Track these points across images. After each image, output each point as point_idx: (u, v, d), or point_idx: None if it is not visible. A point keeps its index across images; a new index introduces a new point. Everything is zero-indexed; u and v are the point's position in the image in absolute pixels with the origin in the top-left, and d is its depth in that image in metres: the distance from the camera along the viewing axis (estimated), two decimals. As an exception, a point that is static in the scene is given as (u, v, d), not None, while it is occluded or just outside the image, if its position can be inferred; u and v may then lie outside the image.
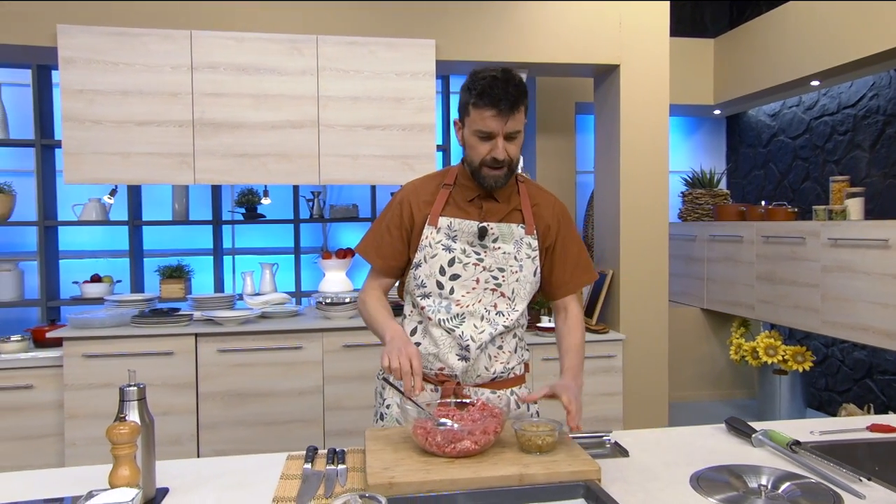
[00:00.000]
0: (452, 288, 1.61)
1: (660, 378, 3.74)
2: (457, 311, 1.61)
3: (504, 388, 1.69)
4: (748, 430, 1.63)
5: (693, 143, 5.50)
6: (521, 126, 1.57)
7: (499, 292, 1.63)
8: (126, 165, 3.17)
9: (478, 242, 1.63)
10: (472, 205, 1.66)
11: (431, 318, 1.62)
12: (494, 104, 1.50)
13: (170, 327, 3.16)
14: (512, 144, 1.57)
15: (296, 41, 3.26)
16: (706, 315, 4.91)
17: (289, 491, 1.32)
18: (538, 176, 4.61)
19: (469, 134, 1.59)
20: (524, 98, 1.55)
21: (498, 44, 3.51)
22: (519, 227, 1.67)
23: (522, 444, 1.41)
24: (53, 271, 4.01)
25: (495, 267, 1.63)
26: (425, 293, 1.64)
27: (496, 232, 1.64)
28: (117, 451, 1.19)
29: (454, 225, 1.64)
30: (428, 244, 1.64)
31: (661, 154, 3.67)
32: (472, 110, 1.55)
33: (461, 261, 1.62)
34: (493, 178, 1.59)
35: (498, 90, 1.50)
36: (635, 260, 3.70)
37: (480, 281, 1.62)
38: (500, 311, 1.63)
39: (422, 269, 1.64)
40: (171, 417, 3.15)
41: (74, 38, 3.10)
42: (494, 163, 1.56)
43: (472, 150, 1.60)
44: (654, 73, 3.64)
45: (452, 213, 1.66)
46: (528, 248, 1.66)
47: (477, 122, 1.55)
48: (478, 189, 1.66)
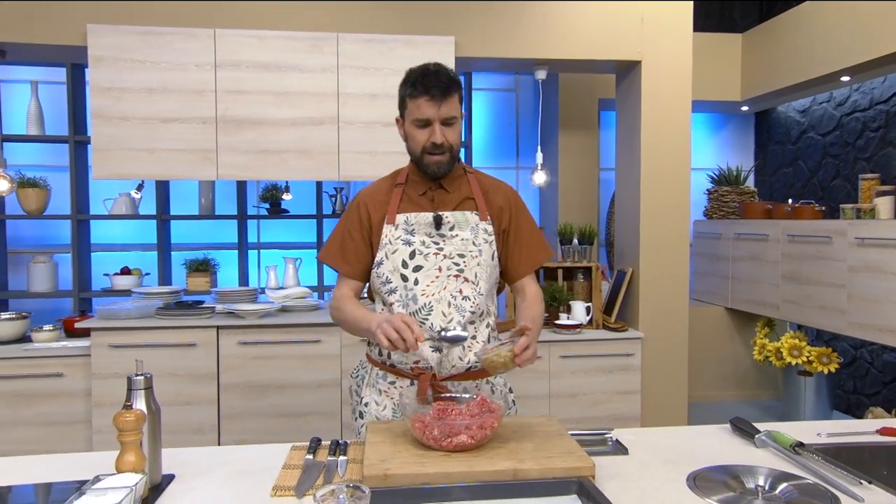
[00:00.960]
0: (416, 279, 1.65)
1: (679, 377, 3.71)
2: (424, 302, 1.63)
3: (479, 378, 1.71)
4: (752, 431, 1.62)
5: (720, 139, 5.42)
6: (456, 113, 1.64)
7: (462, 277, 1.66)
8: (151, 161, 3.26)
9: (435, 232, 1.69)
10: (424, 198, 1.72)
11: (402, 311, 1.64)
12: (427, 91, 1.59)
13: (192, 319, 3.24)
14: (449, 130, 1.64)
15: (317, 39, 3.31)
16: (731, 314, 4.84)
17: (289, 480, 1.35)
18: (560, 173, 4.59)
19: (409, 125, 1.67)
20: (456, 86, 1.64)
21: (517, 40, 3.51)
22: (473, 214, 1.72)
23: (488, 368, 1.49)
24: (86, 263, 4.14)
25: (455, 254, 1.68)
26: (391, 289, 1.67)
27: (451, 220, 1.70)
28: (123, 438, 1.24)
29: (410, 219, 1.69)
30: (388, 241, 1.69)
31: (682, 151, 3.63)
32: (408, 102, 1.65)
33: (422, 252, 1.67)
34: (435, 163, 1.65)
35: (430, 78, 1.60)
36: (655, 258, 3.67)
37: (443, 269, 1.66)
38: (466, 295, 1.66)
39: (384, 266, 1.68)
40: (193, 407, 3.23)
41: (103, 38, 3.19)
42: (434, 148, 1.63)
43: (412, 141, 1.67)
44: (676, 70, 3.60)
45: (407, 208, 1.71)
46: (484, 234, 1.71)
47: (414, 112, 1.63)
48: (428, 182, 1.72)
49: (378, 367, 1.73)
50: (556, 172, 4.60)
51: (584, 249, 3.82)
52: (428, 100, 1.60)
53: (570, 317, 3.70)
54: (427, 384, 1.61)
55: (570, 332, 3.57)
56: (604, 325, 3.73)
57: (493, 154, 4.92)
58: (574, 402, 3.56)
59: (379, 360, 1.73)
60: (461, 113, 1.69)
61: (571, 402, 3.56)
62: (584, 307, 3.69)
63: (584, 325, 3.67)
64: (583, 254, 3.82)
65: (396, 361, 1.68)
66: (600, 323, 3.73)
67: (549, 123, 4.73)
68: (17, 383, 3.19)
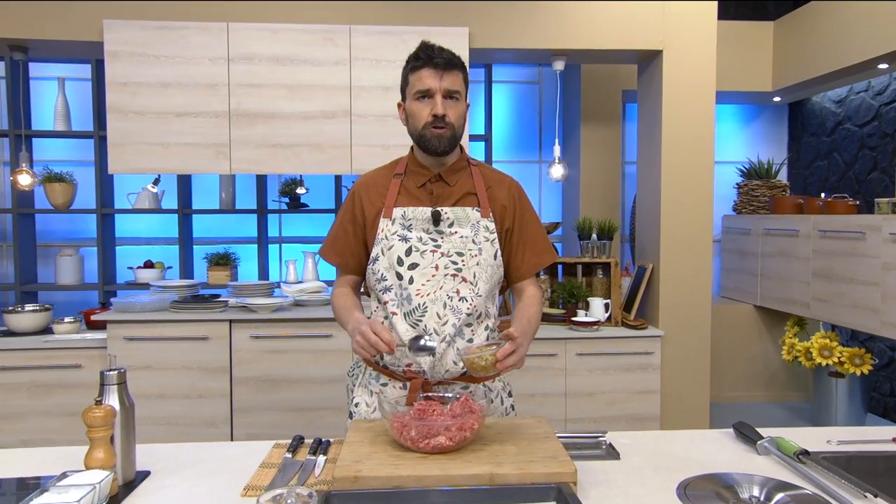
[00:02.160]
0: (412, 277, 1.59)
1: (701, 377, 3.60)
2: (419, 302, 1.57)
3: (475, 382, 1.64)
4: (755, 437, 1.54)
5: (751, 131, 5.24)
6: (459, 87, 1.60)
7: (460, 277, 1.59)
8: (166, 155, 3.28)
9: (433, 228, 1.62)
10: (423, 190, 1.66)
11: (396, 311, 1.59)
12: (428, 62, 1.57)
13: (205, 313, 3.26)
14: (451, 107, 1.59)
15: (329, 31, 3.28)
16: (760, 312, 4.68)
17: (263, 479, 1.33)
18: (582, 167, 4.49)
19: (410, 103, 1.62)
20: (459, 62, 1.61)
21: (534, 30, 3.43)
22: (474, 211, 1.65)
23: (471, 370, 1.42)
24: (110, 257, 4.21)
25: (454, 252, 1.61)
26: (386, 287, 1.61)
27: (451, 216, 1.63)
28: (92, 434, 1.23)
29: (408, 213, 1.63)
30: (384, 236, 1.62)
31: (706, 144, 3.51)
32: (411, 77, 1.61)
33: (418, 249, 1.60)
34: (436, 137, 1.59)
35: (432, 51, 1.58)
36: (676, 254, 3.55)
37: (440, 267, 1.59)
38: (463, 296, 1.59)
39: (380, 263, 1.62)
40: (206, 400, 3.25)
41: (119, 33, 3.22)
42: (436, 121, 1.58)
43: (414, 118, 1.62)
44: (699, 60, 3.47)
45: (405, 202, 1.65)
46: (485, 232, 1.64)
47: (416, 84, 1.59)
48: (428, 173, 1.66)
49: (371, 367, 1.68)
50: (577, 166, 4.51)
51: (604, 245, 3.72)
52: (430, 70, 1.57)
53: (588, 314, 3.61)
54: (418, 388, 1.56)
55: (588, 329, 3.49)
56: (623, 322, 3.63)
57: (515, 148, 4.85)
58: (591, 401, 3.48)
59: (373, 360, 1.67)
60: (465, 96, 1.64)
61: (588, 400, 3.48)
62: (603, 304, 3.60)
63: (603, 322, 3.57)
64: (602, 249, 3.72)
65: (389, 363, 1.62)
66: (619, 320, 3.63)
67: (572, 116, 4.63)
68: (37, 374, 3.25)
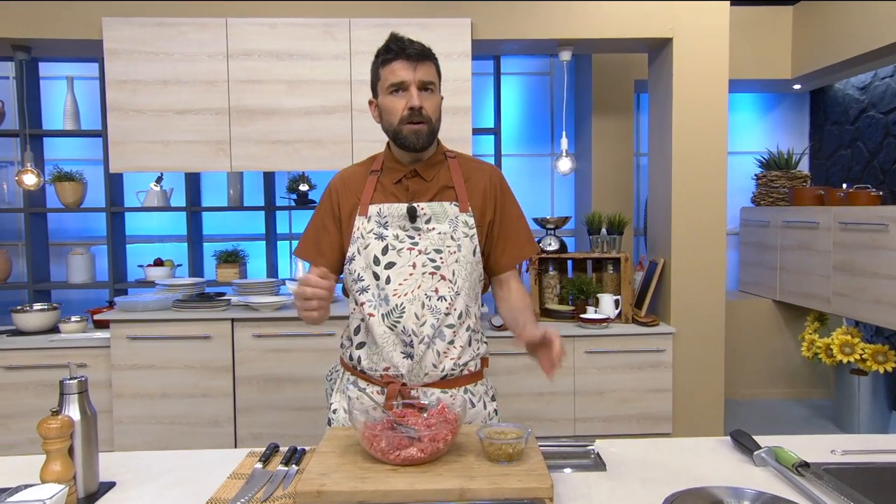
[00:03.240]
0: (388, 277, 1.52)
1: (714, 375, 3.49)
2: (396, 303, 1.50)
3: (456, 386, 1.57)
4: (752, 447, 1.45)
5: (771, 121, 5.07)
6: (433, 78, 1.54)
7: (438, 275, 1.53)
8: (167, 153, 3.26)
9: (409, 225, 1.56)
10: (399, 187, 1.59)
11: (373, 313, 1.52)
12: (401, 53, 1.51)
13: (207, 312, 3.24)
14: (427, 99, 1.52)
15: (328, 25, 3.23)
16: (779, 307, 4.54)
17: (228, 491, 1.28)
18: (594, 158, 4.39)
19: (383, 97, 1.55)
20: (431, 54, 1.56)
21: (538, 20, 3.33)
22: (452, 205, 1.58)
23: (491, 454, 1.29)
24: (121, 255, 4.21)
25: (431, 249, 1.54)
26: (363, 287, 1.55)
27: (427, 212, 1.56)
28: (48, 447, 1.19)
29: (383, 210, 1.56)
30: (360, 235, 1.56)
31: (719, 135, 3.39)
32: (382, 71, 1.55)
33: (395, 247, 1.54)
34: (414, 133, 1.52)
35: (403, 42, 1.52)
36: (688, 248, 3.44)
37: (417, 265, 1.52)
38: (442, 295, 1.52)
39: (356, 262, 1.56)
40: (208, 400, 3.23)
41: (118, 31, 3.20)
42: (412, 115, 1.51)
43: (389, 114, 1.54)
44: (711, 47, 3.35)
45: (381, 199, 1.58)
46: (464, 227, 1.57)
47: (388, 78, 1.52)
48: (404, 169, 1.59)
49: (349, 371, 1.62)
50: (589, 158, 4.40)
51: (614, 239, 3.62)
52: (403, 62, 1.50)
53: (598, 310, 3.52)
54: (395, 394, 1.49)
55: (597, 326, 3.40)
56: (634, 319, 3.54)
57: (526, 141, 4.75)
58: (601, 399, 3.40)
59: (350, 364, 1.61)
60: (439, 88, 1.58)
61: (598, 399, 3.40)
62: (613, 300, 3.51)
63: (613, 319, 3.48)
64: (612, 244, 3.62)
65: (366, 367, 1.56)
66: (630, 317, 3.54)
67: (583, 107, 4.52)
68: (44, 373, 3.26)
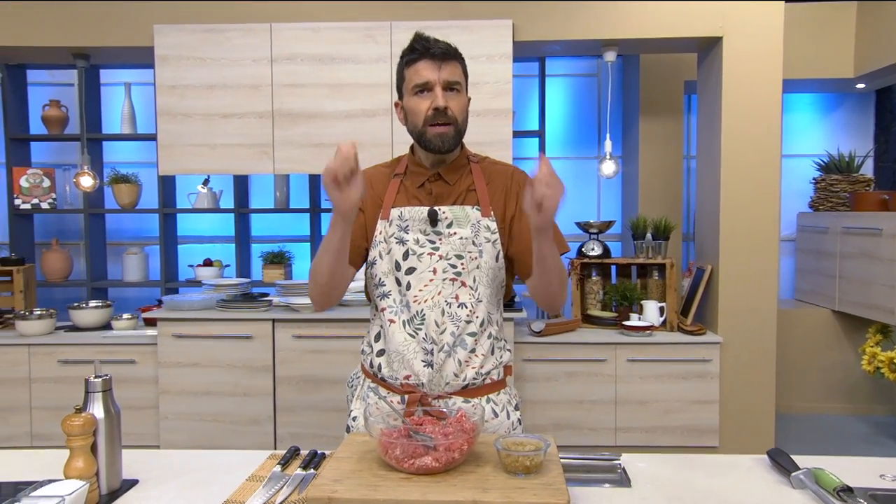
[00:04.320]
0: (409, 283, 1.49)
1: (764, 387, 3.34)
2: (416, 309, 1.48)
3: (478, 395, 1.53)
4: (790, 468, 1.37)
5: (832, 122, 4.84)
6: (458, 78, 1.51)
7: (459, 281, 1.49)
8: (212, 156, 3.33)
9: (431, 230, 1.52)
10: (421, 190, 1.56)
11: (394, 319, 1.50)
12: (425, 53, 1.49)
13: (249, 312, 3.30)
14: (453, 99, 1.49)
15: (370, 29, 3.24)
16: (838, 318, 4.32)
17: (245, 494, 1.28)
18: (641, 161, 4.28)
19: (409, 97, 1.53)
20: (457, 53, 1.53)
21: (581, 20, 3.27)
22: (474, 210, 1.54)
23: (507, 465, 1.25)
24: (172, 255, 4.34)
25: (452, 254, 1.50)
26: (384, 292, 1.53)
27: (449, 216, 1.53)
28: (71, 443, 1.22)
29: (404, 214, 1.53)
30: (382, 239, 1.54)
31: (771, 137, 3.25)
32: (406, 73, 1.53)
33: (415, 252, 1.51)
34: (439, 136, 1.49)
35: (427, 42, 1.50)
36: (738, 255, 3.31)
37: (438, 271, 1.49)
38: (463, 302, 1.49)
39: (378, 267, 1.54)
40: (250, 399, 3.29)
41: (168, 37, 3.29)
42: (437, 116, 1.48)
43: (414, 115, 1.52)
44: (763, 46, 3.22)
45: (403, 202, 1.56)
46: (486, 232, 1.53)
47: (413, 78, 1.50)
48: (427, 172, 1.56)
49: (370, 378, 1.61)
50: (636, 161, 4.30)
51: (659, 245, 3.52)
52: (427, 62, 1.48)
53: (642, 317, 3.43)
54: (416, 403, 1.47)
55: (640, 333, 3.31)
56: (679, 327, 3.43)
57: (572, 143, 4.68)
58: (643, 409, 3.30)
59: (370, 371, 1.60)
60: (466, 88, 1.55)
61: (640, 409, 3.30)
62: (658, 307, 3.41)
63: (657, 326, 3.38)
64: (657, 249, 3.52)
65: (386, 375, 1.55)
66: (675, 325, 3.43)
67: (631, 109, 4.42)
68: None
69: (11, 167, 4.19)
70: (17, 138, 4.22)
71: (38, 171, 4.20)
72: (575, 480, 1.35)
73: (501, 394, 1.58)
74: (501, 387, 1.58)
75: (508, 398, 1.60)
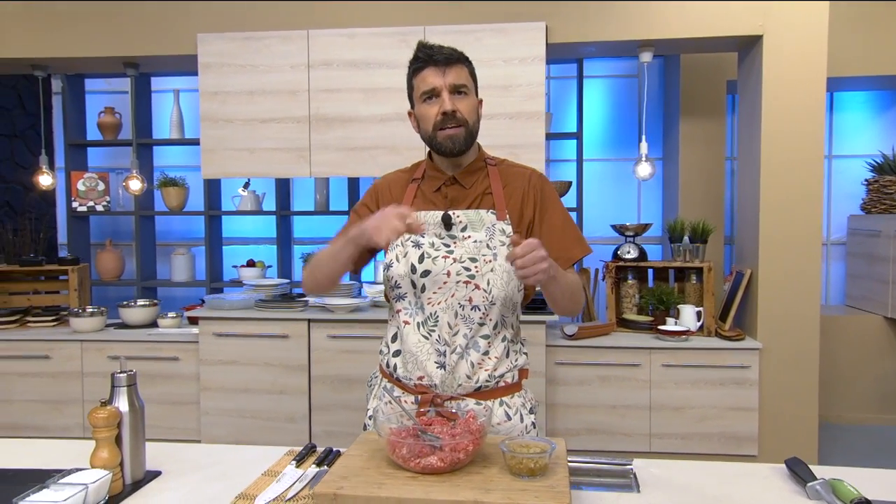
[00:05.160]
0: (424, 285, 1.52)
1: (807, 396, 3.24)
2: (430, 311, 1.51)
3: (491, 398, 1.54)
4: (807, 477, 1.34)
5: (886, 121, 4.65)
6: (465, 81, 1.54)
7: (472, 284, 1.51)
8: (252, 160, 3.43)
9: (445, 233, 1.55)
10: (438, 195, 1.59)
11: (408, 321, 1.53)
12: (429, 61, 1.52)
13: (285, 312, 3.38)
14: (461, 101, 1.53)
15: (404, 33, 3.29)
16: (891, 324, 4.15)
17: (258, 488, 1.33)
18: (681, 163, 4.20)
19: (418, 105, 1.56)
20: (462, 56, 1.56)
21: (617, 21, 3.24)
22: (489, 213, 1.56)
23: (512, 467, 1.26)
24: (217, 255, 4.49)
25: (466, 257, 1.52)
26: (400, 294, 1.56)
27: (463, 220, 1.55)
28: (96, 435, 1.28)
29: (421, 218, 1.56)
30: (399, 243, 1.56)
31: (814, 137, 3.15)
32: (414, 81, 1.57)
33: (430, 255, 1.53)
34: (449, 138, 1.52)
35: (431, 50, 1.53)
36: (778, 258, 3.22)
37: (451, 274, 1.51)
38: (476, 304, 1.50)
39: (394, 269, 1.56)
40: (286, 397, 3.37)
41: (211, 45, 3.41)
42: (446, 119, 1.51)
43: (424, 121, 1.55)
44: (806, 44, 3.12)
45: (420, 206, 1.59)
46: (501, 235, 1.54)
47: (420, 86, 1.54)
48: (443, 177, 1.59)
49: (386, 378, 1.64)
50: (676, 163, 4.22)
51: (697, 248, 3.45)
52: (432, 69, 1.52)
53: (679, 322, 3.37)
54: (428, 403, 1.50)
55: (676, 338, 3.25)
56: (717, 332, 3.35)
57: (612, 145, 4.63)
58: (679, 416, 3.24)
59: (387, 371, 1.63)
60: (474, 90, 1.57)
61: (676, 415, 3.25)
62: (695, 312, 3.35)
63: (694, 331, 3.32)
64: (694, 252, 3.46)
65: (401, 376, 1.58)
66: (713, 330, 3.36)
67: (671, 109, 4.35)
68: (142, 364, 3.51)
69: (70, 171, 4.41)
70: (75, 144, 4.43)
71: (94, 175, 4.40)
72: (583, 485, 1.35)
73: (515, 397, 1.58)
74: (516, 390, 1.59)
75: (523, 401, 1.60)
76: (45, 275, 4.03)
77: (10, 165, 4.64)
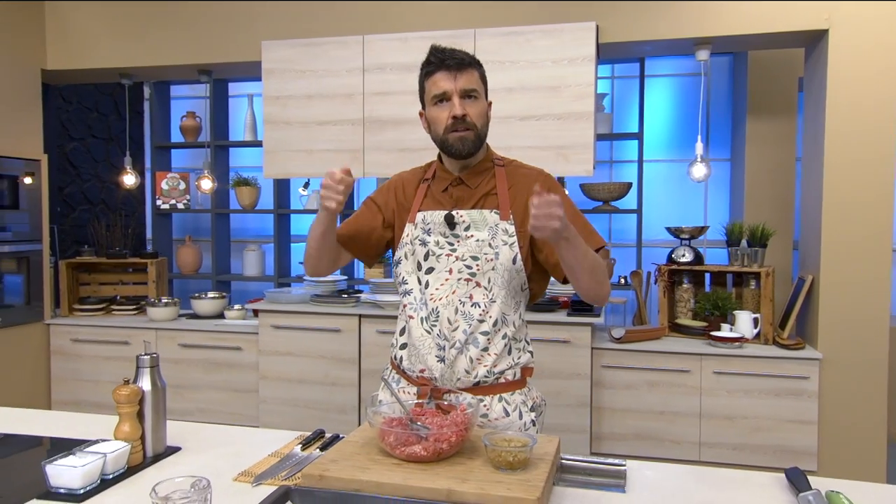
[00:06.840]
0: (428, 281, 1.59)
1: (874, 411, 3.05)
2: (432, 307, 1.57)
3: (490, 393, 1.57)
4: (803, 487, 1.29)
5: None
6: (475, 85, 1.58)
7: (473, 282, 1.56)
8: (310, 161, 3.59)
9: (449, 232, 1.60)
10: (445, 195, 1.65)
11: (413, 315, 1.60)
12: (440, 65, 1.56)
13: (338, 307, 3.51)
14: (471, 105, 1.56)
15: (454, 36, 3.34)
16: (981, 339, 3.83)
17: (260, 467, 1.42)
18: (748, 163, 4.04)
19: (430, 108, 1.61)
20: (473, 60, 1.59)
21: (670, 18, 3.17)
22: (492, 213, 1.59)
23: (493, 460, 1.30)
24: (286, 251, 4.71)
25: (468, 256, 1.58)
26: (407, 290, 1.63)
27: (466, 219, 1.60)
28: (119, 410, 1.42)
29: (427, 218, 1.63)
30: (408, 241, 1.64)
31: (885, 137, 2.97)
32: (426, 84, 1.61)
33: (434, 253, 1.60)
34: (459, 141, 1.56)
35: (443, 54, 1.57)
36: (842, 264, 3.05)
37: (454, 271, 1.57)
38: (476, 301, 1.55)
39: (402, 266, 1.65)
40: (337, 388, 3.50)
41: (274, 52, 3.59)
42: (456, 123, 1.55)
43: (435, 124, 1.60)
44: (877, 38, 2.94)
45: (428, 206, 1.65)
46: (503, 235, 1.57)
47: (432, 90, 1.58)
48: (450, 177, 1.64)
49: (395, 370, 1.71)
50: (742, 163, 4.07)
51: (755, 252, 3.32)
52: (444, 73, 1.56)
53: (734, 328, 3.25)
54: (427, 395, 1.56)
55: (729, 345, 3.15)
56: (775, 340, 3.22)
57: (676, 145, 4.50)
58: (731, 425, 3.14)
59: (395, 362, 1.70)
60: (484, 94, 1.62)
61: (727, 425, 3.14)
62: (752, 318, 3.22)
63: (750, 339, 3.20)
64: (753, 257, 3.32)
65: (406, 368, 1.64)
66: (770, 338, 3.22)
67: (738, 108, 4.19)
68: (209, 352, 3.75)
69: (155, 172, 4.76)
70: (160, 146, 4.77)
71: (176, 175, 4.72)
72: (570, 483, 1.36)
73: (516, 394, 1.61)
74: (517, 387, 1.62)
75: (524, 399, 1.63)
76: (130, 267, 4.36)
77: (107, 166, 5.05)
